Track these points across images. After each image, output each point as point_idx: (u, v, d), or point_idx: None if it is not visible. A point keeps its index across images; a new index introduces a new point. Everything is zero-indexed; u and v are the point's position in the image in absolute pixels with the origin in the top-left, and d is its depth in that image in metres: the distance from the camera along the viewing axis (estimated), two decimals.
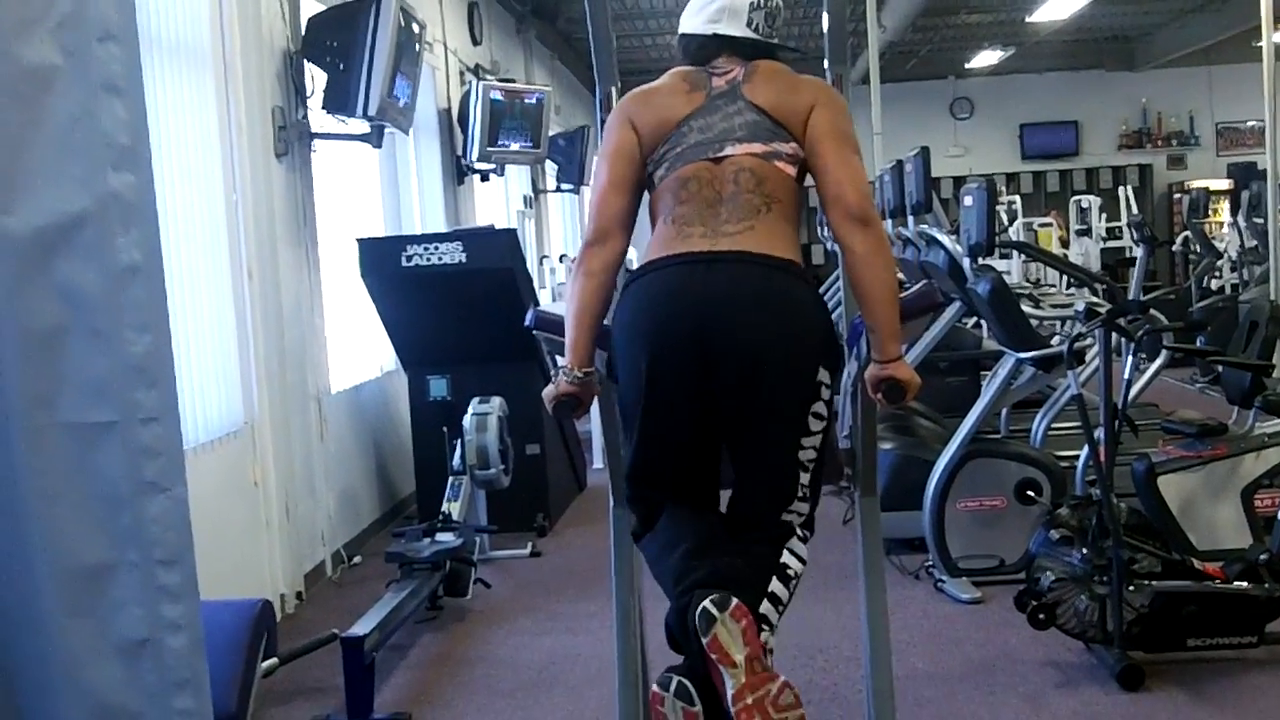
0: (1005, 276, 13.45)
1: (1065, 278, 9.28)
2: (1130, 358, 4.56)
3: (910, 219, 6.37)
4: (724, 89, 2.70)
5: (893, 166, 6.65)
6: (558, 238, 13.22)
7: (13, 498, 1.76)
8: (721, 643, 2.27)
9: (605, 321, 2.69)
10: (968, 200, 5.29)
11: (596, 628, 4.98)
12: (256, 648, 2.98)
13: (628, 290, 2.62)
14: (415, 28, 6.20)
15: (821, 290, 10.49)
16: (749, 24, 2.77)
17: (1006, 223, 14.95)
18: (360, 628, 4.29)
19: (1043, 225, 15.50)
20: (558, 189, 12.31)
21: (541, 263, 11.21)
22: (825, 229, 5.06)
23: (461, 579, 5.38)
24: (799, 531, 2.58)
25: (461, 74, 9.21)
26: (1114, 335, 4.39)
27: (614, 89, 3.29)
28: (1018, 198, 15.94)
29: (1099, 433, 4.27)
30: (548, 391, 2.70)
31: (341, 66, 5.71)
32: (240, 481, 5.25)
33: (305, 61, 5.86)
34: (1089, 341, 4.88)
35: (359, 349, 6.93)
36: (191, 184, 4.91)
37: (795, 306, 2.52)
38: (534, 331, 2.86)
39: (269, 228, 5.46)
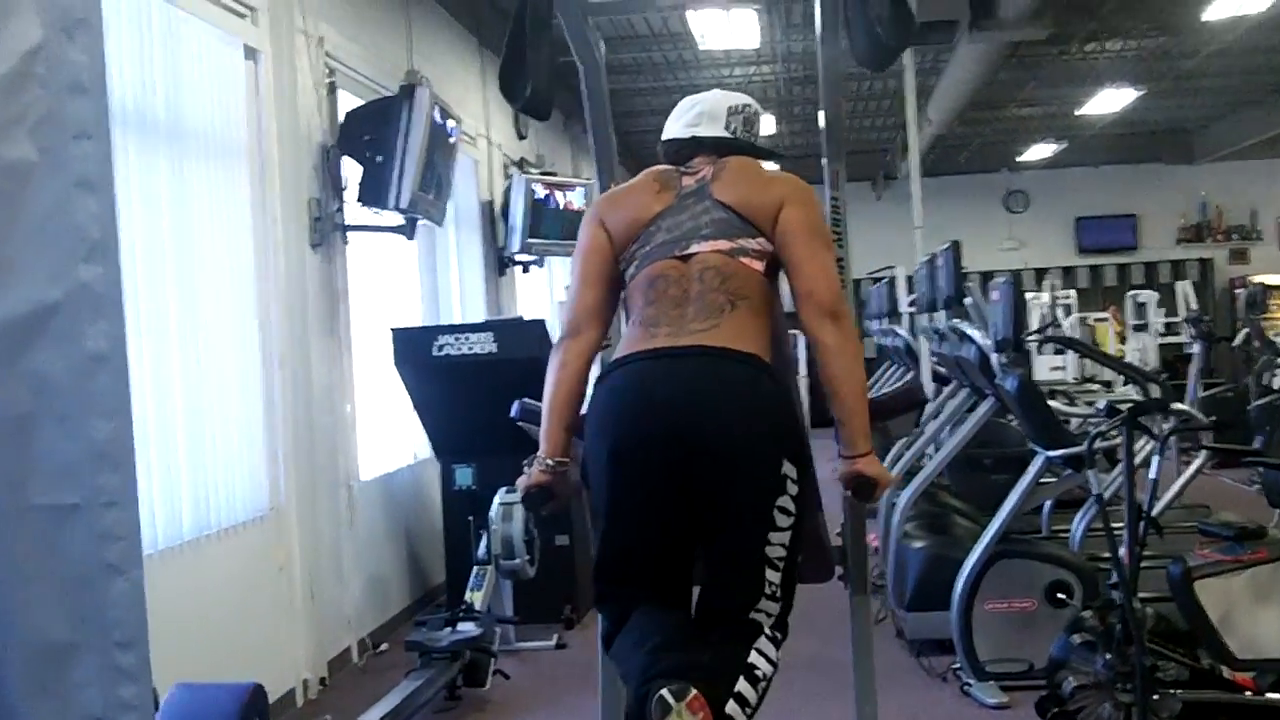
0: (1060, 372, 13.31)
1: (1122, 375, 9.16)
2: (1157, 457, 4.47)
3: (943, 312, 6.34)
4: (693, 188, 2.74)
5: (927, 260, 6.64)
6: None
7: None
8: None
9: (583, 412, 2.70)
10: (995, 295, 5.27)
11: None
12: None
13: (596, 388, 2.64)
14: (450, 123, 6.31)
15: (871, 381, 10.46)
16: (727, 127, 2.83)
17: (1061, 318, 14.88)
18: (369, 717, 4.30)
19: (1099, 320, 15.36)
20: None
21: None
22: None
23: (480, 669, 5.34)
24: (768, 631, 2.52)
25: (505, 167, 9.35)
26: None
27: (611, 185, 3.34)
28: (1073, 292, 15.83)
29: (1123, 534, 4.18)
30: (521, 481, 2.71)
31: (376, 160, 5.83)
32: (265, 566, 5.28)
33: (342, 155, 5.96)
34: (1118, 440, 4.80)
35: (392, 437, 6.98)
36: (223, 272, 5.00)
37: (757, 400, 2.50)
38: (519, 423, 2.88)
39: (301, 316, 5.54)
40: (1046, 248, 18.21)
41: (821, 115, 3.16)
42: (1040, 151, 16.64)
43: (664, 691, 2.26)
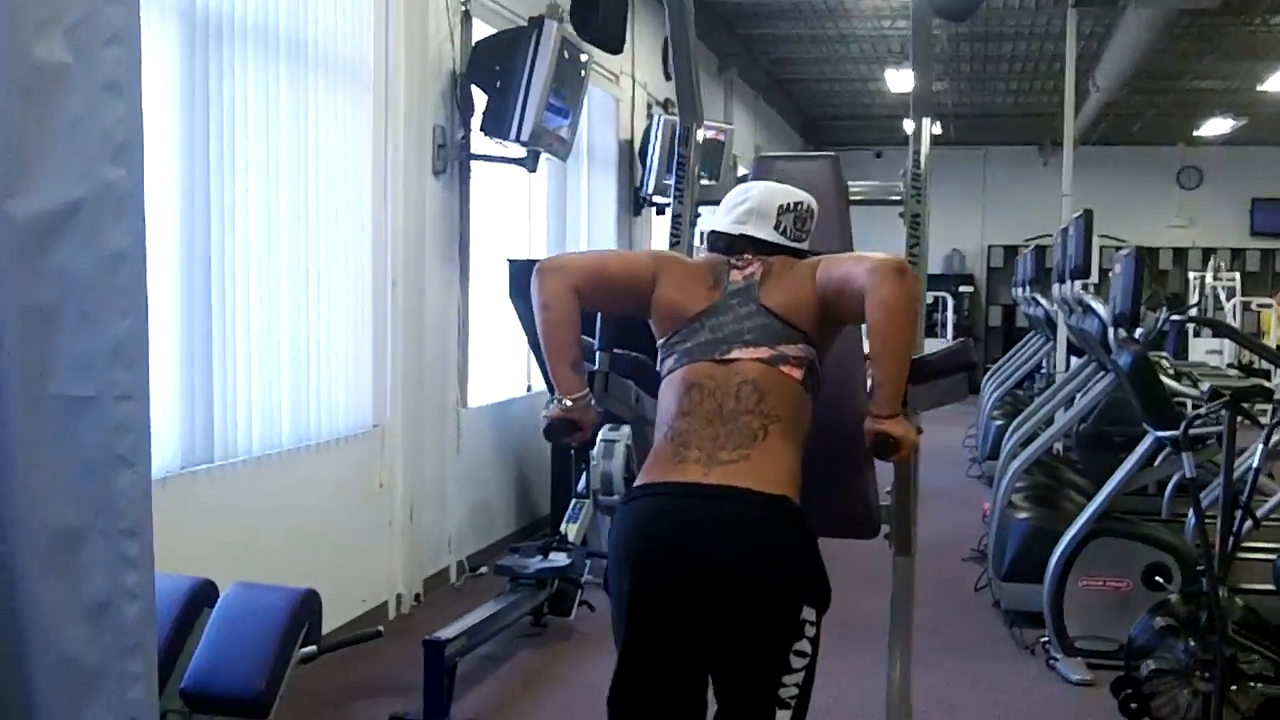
0: (1216, 356, 12.79)
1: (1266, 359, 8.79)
2: (1261, 446, 4.30)
3: (1071, 283, 6.17)
4: (740, 286, 2.68)
5: (1062, 229, 6.47)
6: None
7: (3, 462, 1.89)
8: None
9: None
10: (1117, 268, 5.10)
11: None
12: (294, 634, 3.06)
13: (622, 509, 2.62)
14: (581, 58, 6.32)
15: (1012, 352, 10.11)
16: (777, 227, 2.73)
17: (1223, 300, 14.32)
18: (445, 632, 4.41)
19: (1262, 306, 14.75)
20: None
21: None
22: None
23: (567, 599, 5.43)
24: None
25: (649, 107, 9.34)
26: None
27: (694, 125, 3.31)
28: (1237, 275, 15.21)
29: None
30: (542, 417, 2.73)
31: (500, 90, 5.87)
32: (365, 481, 5.43)
33: (471, 84, 6.03)
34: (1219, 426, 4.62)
35: (508, 367, 7.07)
36: (339, 192, 5.11)
37: (781, 547, 2.46)
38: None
39: (419, 241, 5.64)
40: (1217, 228, 17.51)
41: (910, 67, 3.09)
42: (1217, 127, 15.94)
43: None
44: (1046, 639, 5.12)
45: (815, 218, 2.80)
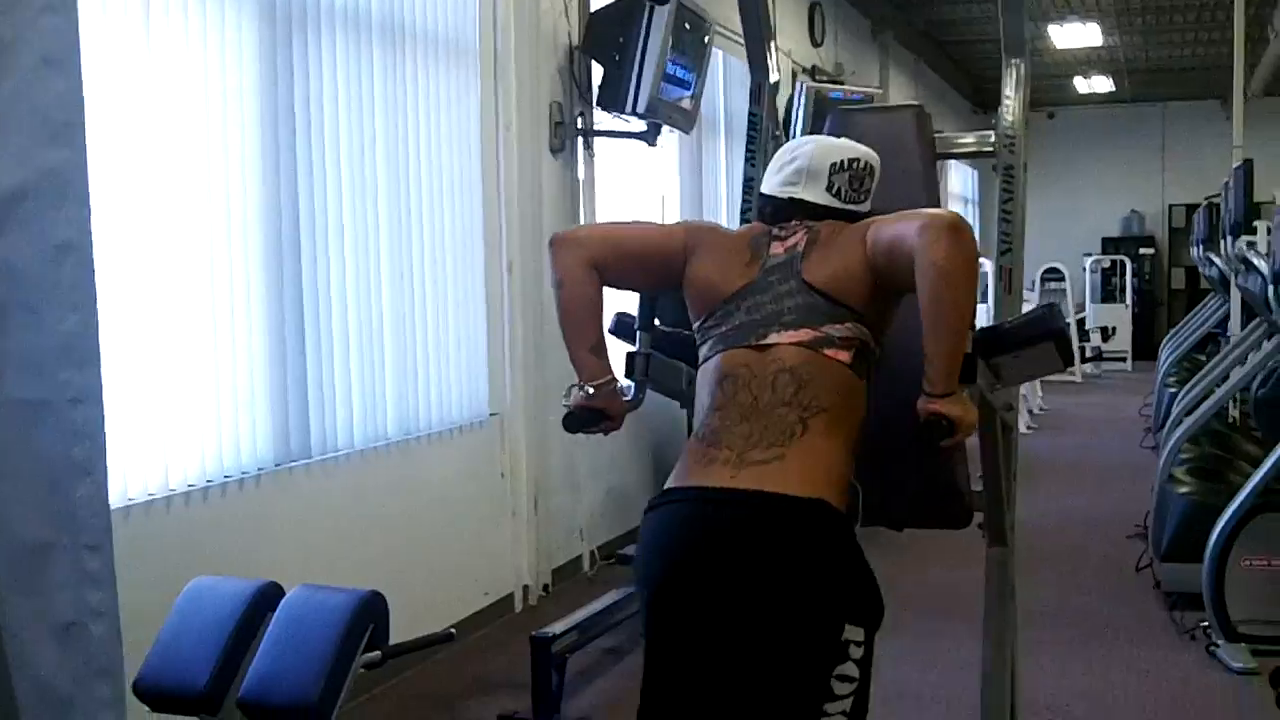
0: None
1: None
2: None
3: (1235, 238, 5.68)
4: (780, 259, 2.39)
5: (1224, 184, 5.98)
6: None
7: None
8: None
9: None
10: (1276, 219, 4.63)
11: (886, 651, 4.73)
12: (354, 639, 2.91)
13: (647, 515, 2.35)
14: (703, 25, 6.07)
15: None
16: (829, 188, 2.43)
17: None
18: (554, 627, 4.25)
19: None
20: None
21: None
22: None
23: None
24: None
25: (794, 75, 9.01)
26: None
27: (766, 81, 3.05)
28: None
29: None
30: (562, 406, 2.52)
31: (616, 63, 5.67)
32: (486, 471, 5.30)
33: (589, 58, 5.85)
34: None
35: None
36: (444, 175, 4.98)
37: (814, 559, 2.17)
38: (611, 334, 2.65)
39: (535, 222, 5.48)
40: None
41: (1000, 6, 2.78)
42: None
43: None
44: (1207, 623, 4.74)
45: (876, 175, 2.49)
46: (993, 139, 2.83)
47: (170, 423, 3.62)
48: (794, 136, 8.31)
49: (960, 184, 16.62)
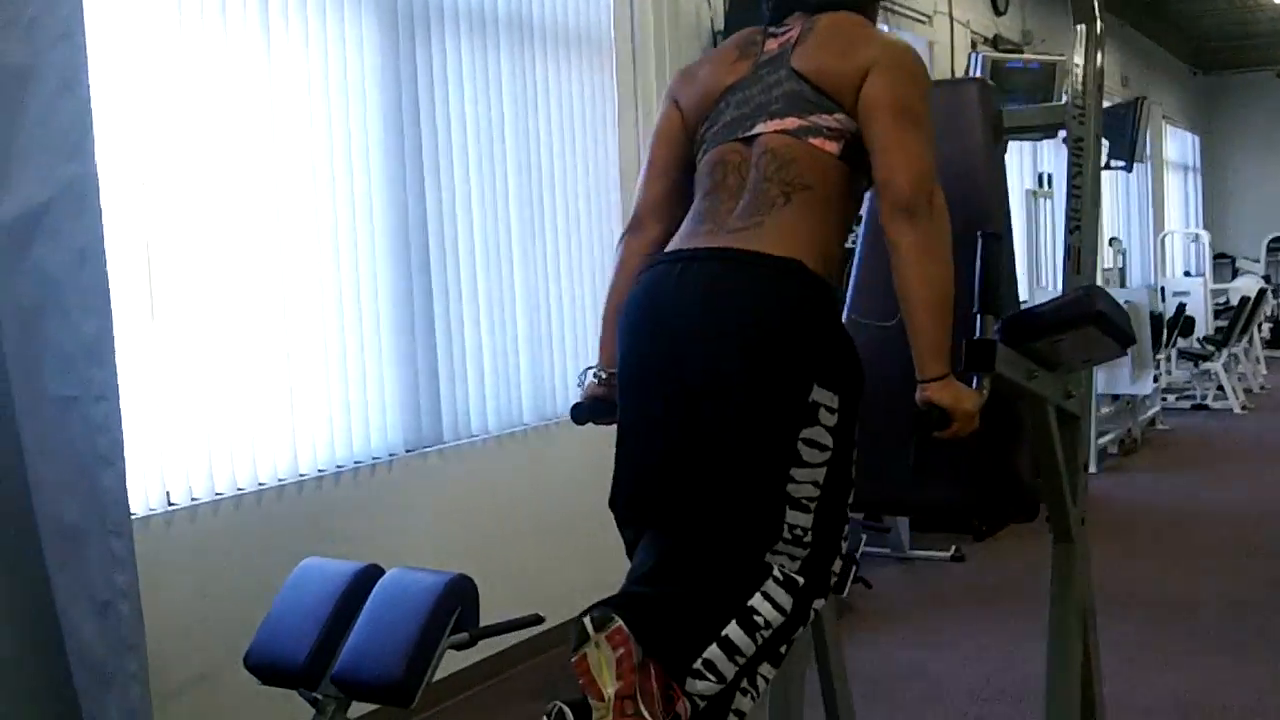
0: None
1: None
2: None
3: None
4: (773, 54, 2.33)
5: None
6: (1108, 218, 12.26)
7: (16, 461, 1.92)
8: (590, 667, 1.94)
9: None
10: None
11: (973, 645, 4.65)
12: (441, 621, 2.99)
13: (631, 287, 2.34)
14: None
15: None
16: None
17: None
18: None
19: None
20: (1107, 166, 11.42)
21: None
22: None
23: (842, 575, 5.14)
24: (781, 574, 2.10)
25: (974, 45, 8.77)
26: None
27: None
28: None
29: None
30: (576, 389, 2.51)
31: None
32: None
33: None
34: None
35: None
36: (584, 163, 5.04)
37: (781, 315, 2.12)
38: None
39: None
40: None
41: None
42: None
43: (586, 618, 1.96)
44: None
45: None
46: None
47: (300, 410, 3.80)
48: None
49: (1179, 151, 15.84)
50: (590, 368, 2.49)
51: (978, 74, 8.09)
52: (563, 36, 4.96)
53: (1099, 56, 2.62)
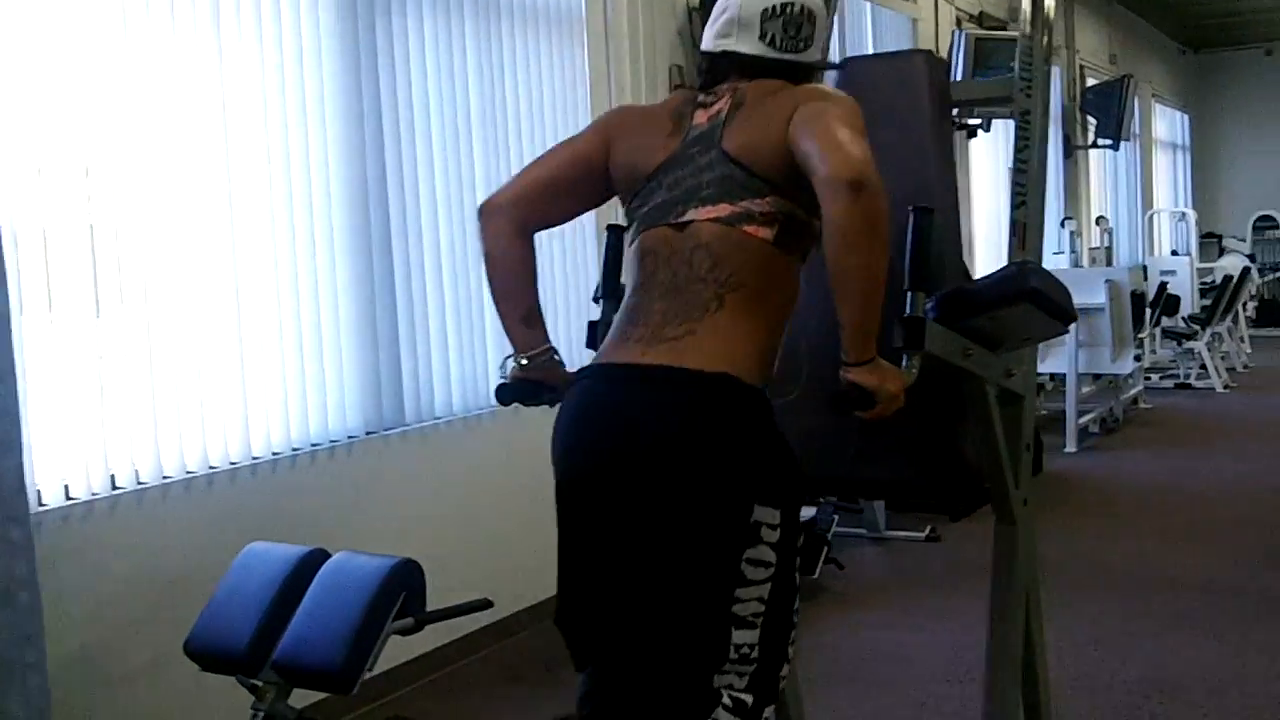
0: None
1: None
2: None
3: None
4: (703, 129, 2.24)
5: None
6: (1096, 196, 12.20)
7: None
8: None
9: None
10: None
11: (945, 625, 4.62)
12: (384, 606, 2.94)
13: (567, 392, 2.28)
14: None
15: None
16: (763, 37, 2.26)
17: None
18: None
19: None
20: (1094, 144, 11.37)
21: (1063, 224, 10.54)
22: None
23: (812, 555, 5.12)
24: (732, 699, 2.08)
25: (959, 23, 8.70)
26: None
27: None
28: None
29: None
30: (497, 378, 2.46)
31: None
32: None
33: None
34: None
35: None
36: (554, 140, 4.96)
37: (714, 436, 2.05)
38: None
39: None
40: None
41: None
42: None
43: None
44: None
45: (818, 22, 2.32)
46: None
47: (253, 391, 3.75)
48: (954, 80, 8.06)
49: (1168, 129, 15.78)
50: (509, 356, 2.43)
51: (961, 48, 8.04)
52: (531, 13, 4.90)
53: (1046, 31, 2.57)
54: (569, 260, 5.03)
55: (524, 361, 2.40)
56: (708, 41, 2.35)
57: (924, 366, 2.15)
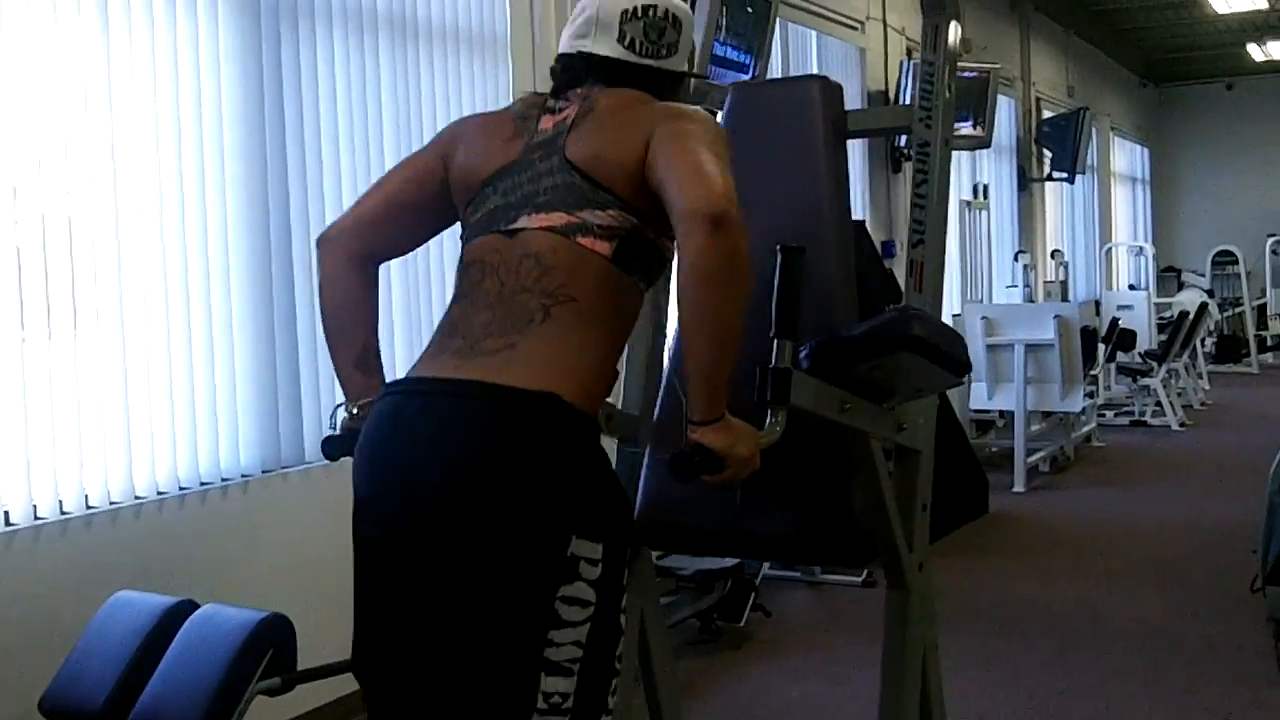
0: None
1: None
2: None
3: None
4: (547, 135, 2.07)
5: None
6: (1053, 230, 12.12)
7: None
8: None
9: None
10: None
11: (868, 675, 4.40)
12: (250, 663, 2.74)
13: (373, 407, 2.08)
14: (769, 2, 5.74)
15: None
16: (621, 39, 2.09)
17: None
18: None
19: None
20: (1049, 177, 11.29)
21: (1017, 258, 10.44)
22: None
23: (737, 603, 4.94)
24: None
25: (909, 52, 8.60)
26: None
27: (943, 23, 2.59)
28: None
29: None
30: (327, 429, 2.26)
31: None
32: None
33: None
34: None
35: None
36: None
37: (533, 458, 1.87)
38: None
39: None
40: None
41: None
42: None
43: None
44: None
45: (683, 29, 2.15)
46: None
47: (137, 425, 3.56)
48: None
49: (1127, 162, 15.75)
50: (340, 404, 2.23)
51: (910, 79, 7.94)
52: (451, 33, 4.73)
53: (948, 59, 2.41)
54: (419, 293, 4.81)
55: (354, 411, 2.18)
56: (564, 42, 2.18)
57: (809, 416, 1.98)
